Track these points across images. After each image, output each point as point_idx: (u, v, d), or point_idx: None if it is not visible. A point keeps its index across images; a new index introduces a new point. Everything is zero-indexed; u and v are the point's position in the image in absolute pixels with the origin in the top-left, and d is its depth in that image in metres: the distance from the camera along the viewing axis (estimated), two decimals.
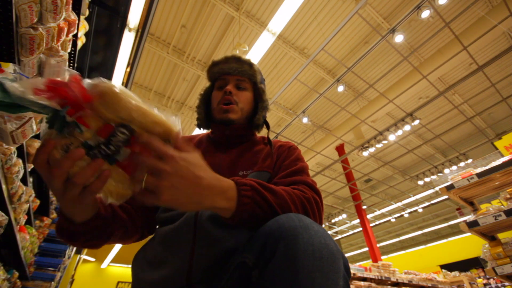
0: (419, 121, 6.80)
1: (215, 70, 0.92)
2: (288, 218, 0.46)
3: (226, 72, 0.89)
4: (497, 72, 6.99)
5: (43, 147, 0.38)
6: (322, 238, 0.43)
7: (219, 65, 0.91)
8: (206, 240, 0.62)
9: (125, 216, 0.67)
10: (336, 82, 5.66)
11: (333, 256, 0.42)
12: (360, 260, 18.49)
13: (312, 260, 0.40)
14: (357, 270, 4.17)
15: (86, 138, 0.40)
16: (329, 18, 6.31)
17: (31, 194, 1.87)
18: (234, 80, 0.89)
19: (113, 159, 0.42)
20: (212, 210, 0.49)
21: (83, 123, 0.39)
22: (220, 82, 0.90)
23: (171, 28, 6.37)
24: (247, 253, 0.48)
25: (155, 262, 0.64)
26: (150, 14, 2.78)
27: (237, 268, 0.48)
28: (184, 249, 0.61)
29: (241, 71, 0.88)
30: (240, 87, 0.89)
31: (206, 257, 0.60)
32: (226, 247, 0.60)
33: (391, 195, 12.50)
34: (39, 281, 2.76)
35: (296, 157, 0.81)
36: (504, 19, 5.00)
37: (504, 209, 2.11)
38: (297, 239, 0.41)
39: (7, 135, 1.20)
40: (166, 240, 0.66)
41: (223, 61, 0.91)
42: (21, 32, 1.19)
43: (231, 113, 0.84)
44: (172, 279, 0.59)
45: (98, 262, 11.54)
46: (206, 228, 0.63)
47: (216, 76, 0.93)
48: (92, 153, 0.40)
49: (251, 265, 0.46)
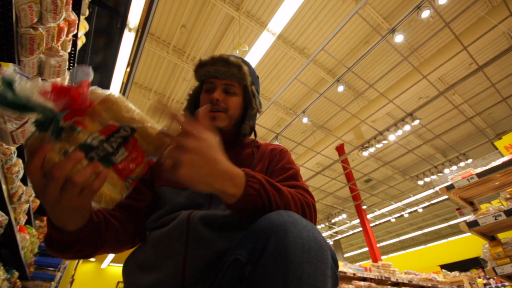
0: (419, 121, 6.80)
1: (202, 72, 0.86)
2: (278, 214, 0.48)
3: (213, 76, 0.84)
4: (497, 72, 6.99)
5: (39, 151, 0.37)
6: (310, 232, 0.45)
7: (206, 67, 0.85)
8: (198, 243, 0.61)
9: (116, 223, 0.66)
10: (336, 82, 5.67)
11: (321, 248, 0.44)
12: (360, 260, 18.50)
13: (301, 252, 0.42)
14: (357, 270, 4.17)
15: (83, 140, 0.40)
16: (329, 18, 6.31)
17: (31, 194, 1.87)
18: (222, 84, 0.83)
19: (109, 161, 0.42)
20: (219, 194, 0.50)
21: (81, 125, 0.40)
22: (208, 85, 0.86)
23: (171, 28, 6.37)
24: (240, 249, 0.49)
25: (147, 266, 0.63)
26: (150, 14, 2.78)
27: (231, 265, 0.49)
28: (177, 252, 0.61)
29: (229, 74, 0.83)
30: (228, 91, 0.84)
31: (200, 259, 0.59)
32: (219, 248, 0.60)
33: (391, 195, 12.50)
34: (39, 281, 2.76)
35: (288, 161, 0.81)
36: (504, 19, 5.01)
37: (504, 209, 2.11)
38: (287, 233, 0.43)
39: (7, 135, 1.20)
40: (158, 244, 0.65)
41: (210, 63, 0.84)
42: (21, 32, 1.19)
43: (218, 121, 0.81)
44: (165, 282, 0.59)
45: (98, 262, 11.55)
46: (198, 231, 0.63)
47: (203, 78, 0.88)
48: (89, 155, 0.40)
49: (244, 261, 0.47)
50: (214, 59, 0.84)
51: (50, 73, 1.46)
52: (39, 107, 0.36)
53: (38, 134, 0.39)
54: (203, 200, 0.72)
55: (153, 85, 7.77)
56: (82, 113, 0.40)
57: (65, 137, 0.39)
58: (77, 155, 0.39)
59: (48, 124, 0.38)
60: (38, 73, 1.44)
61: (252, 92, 0.87)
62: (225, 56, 0.83)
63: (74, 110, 0.39)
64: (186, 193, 0.73)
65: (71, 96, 0.38)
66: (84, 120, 0.40)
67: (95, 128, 0.41)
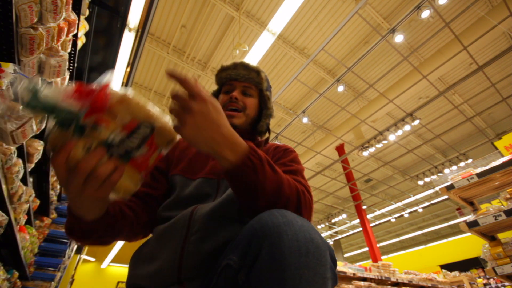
0: (419, 121, 6.80)
1: (223, 75, 0.94)
2: (271, 214, 0.46)
3: (233, 78, 0.91)
4: (497, 72, 6.99)
5: (64, 147, 0.41)
6: (307, 233, 0.43)
7: (227, 71, 0.93)
8: (198, 235, 0.62)
9: (131, 213, 0.70)
10: (336, 82, 5.67)
11: (319, 249, 0.42)
12: (360, 260, 18.50)
13: (298, 257, 0.40)
14: (357, 270, 4.17)
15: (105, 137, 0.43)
16: (329, 18, 6.31)
17: (31, 194, 1.87)
18: (240, 86, 0.90)
19: (128, 156, 0.45)
20: (217, 158, 0.52)
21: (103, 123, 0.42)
22: (227, 87, 0.92)
23: (171, 28, 6.38)
24: (232, 254, 0.48)
25: (148, 258, 0.65)
26: (150, 14, 2.78)
27: (223, 270, 0.48)
28: (175, 244, 0.62)
29: (248, 78, 0.90)
30: (246, 93, 0.90)
31: (197, 252, 0.60)
32: (218, 241, 0.60)
33: (391, 195, 12.50)
34: (39, 281, 2.76)
35: (292, 159, 0.81)
36: (504, 19, 5.01)
37: (504, 209, 2.11)
38: (281, 237, 0.41)
39: (7, 135, 1.20)
40: (161, 236, 0.67)
41: (232, 67, 0.92)
42: (21, 32, 1.19)
43: (235, 119, 0.86)
44: (162, 274, 0.59)
45: (98, 262, 11.55)
46: (200, 224, 0.63)
47: (224, 81, 0.94)
48: (110, 151, 0.43)
49: (236, 267, 0.45)
50: (236, 64, 0.92)
51: (50, 73, 1.46)
52: (64, 109, 0.40)
53: (59, 131, 0.42)
54: (211, 189, 0.74)
55: (153, 85, 7.77)
56: (103, 112, 0.42)
57: (88, 134, 0.42)
58: (101, 151, 0.42)
59: (69, 123, 0.41)
60: (38, 73, 1.44)
61: (267, 96, 0.94)
62: (245, 63, 0.92)
63: (95, 109, 0.42)
64: (195, 183, 0.76)
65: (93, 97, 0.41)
66: (104, 118, 0.43)
67: (115, 126, 0.43)
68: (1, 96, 1.06)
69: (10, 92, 1.09)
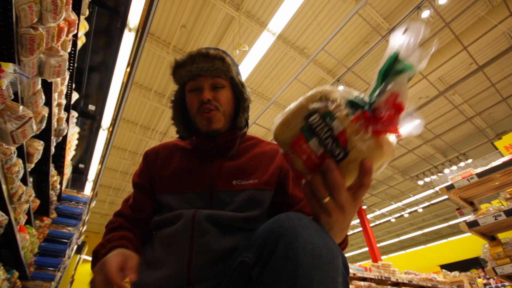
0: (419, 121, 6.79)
1: (182, 73, 0.80)
2: (288, 217, 0.47)
3: (197, 74, 0.78)
4: (497, 72, 6.99)
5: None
6: (321, 237, 0.43)
7: (186, 67, 0.79)
8: (203, 240, 0.63)
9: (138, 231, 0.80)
10: (336, 82, 5.67)
11: (332, 253, 0.42)
12: (360, 260, 18.50)
13: (311, 258, 0.40)
14: (357, 270, 4.17)
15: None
16: (329, 18, 6.31)
17: (31, 194, 1.88)
18: (208, 82, 0.78)
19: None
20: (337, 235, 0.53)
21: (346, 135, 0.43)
22: (192, 84, 0.80)
23: (171, 28, 6.37)
24: (247, 252, 0.49)
25: (154, 264, 0.65)
26: (150, 14, 2.78)
27: (237, 267, 0.49)
28: (182, 250, 0.63)
29: (213, 69, 0.77)
30: (217, 86, 0.79)
31: (205, 257, 0.61)
32: (223, 247, 0.62)
33: (391, 195, 12.49)
34: (39, 281, 2.77)
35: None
36: (504, 19, 5.01)
37: (504, 209, 2.11)
38: (296, 238, 0.42)
39: (7, 135, 1.20)
40: (165, 241, 0.67)
41: (190, 61, 0.78)
42: (21, 32, 1.19)
43: (214, 123, 0.78)
44: (171, 279, 0.60)
45: None
46: (204, 229, 0.64)
47: (185, 80, 0.81)
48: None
49: (251, 264, 0.46)
50: (193, 56, 0.78)
51: (50, 73, 1.46)
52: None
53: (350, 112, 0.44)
54: (204, 204, 0.74)
55: (153, 85, 7.77)
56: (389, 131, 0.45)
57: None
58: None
59: (359, 105, 0.45)
60: (38, 73, 1.44)
61: (241, 82, 0.83)
62: (203, 50, 0.78)
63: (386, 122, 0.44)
64: (187, 198, 0.75)
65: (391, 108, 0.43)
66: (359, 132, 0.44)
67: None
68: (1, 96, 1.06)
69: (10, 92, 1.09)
